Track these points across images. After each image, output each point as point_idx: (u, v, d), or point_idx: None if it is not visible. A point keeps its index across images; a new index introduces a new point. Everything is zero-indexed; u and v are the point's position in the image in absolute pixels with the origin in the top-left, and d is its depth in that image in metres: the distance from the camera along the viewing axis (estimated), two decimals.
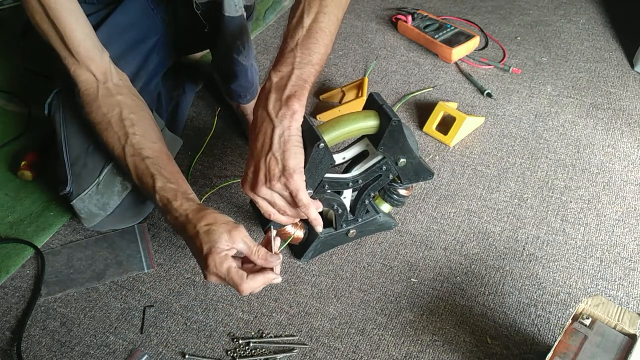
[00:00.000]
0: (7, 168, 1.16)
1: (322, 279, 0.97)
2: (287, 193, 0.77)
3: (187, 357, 0.87)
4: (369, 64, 1.44)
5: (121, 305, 0.94)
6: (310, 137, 0.78)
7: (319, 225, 0.84)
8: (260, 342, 0.88)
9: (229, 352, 0.87)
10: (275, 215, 0.80)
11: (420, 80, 1.38)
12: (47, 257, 1.00)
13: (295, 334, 0.90)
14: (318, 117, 1.27)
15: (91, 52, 0.88)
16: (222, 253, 0.76)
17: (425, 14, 1.53)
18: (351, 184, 0.89)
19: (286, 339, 0.89)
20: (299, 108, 0.75)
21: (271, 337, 0.89)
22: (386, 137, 0.83)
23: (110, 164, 0.96)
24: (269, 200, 0.78)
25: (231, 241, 0.77)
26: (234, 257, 0.78)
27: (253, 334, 0.90)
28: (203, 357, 0.87)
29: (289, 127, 0.74)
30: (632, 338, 0.72)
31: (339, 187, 0.89)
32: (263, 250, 0.79)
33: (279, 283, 0.82)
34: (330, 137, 0.82)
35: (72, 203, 0.97)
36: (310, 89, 0.78)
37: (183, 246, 1.02)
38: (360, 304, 0.94)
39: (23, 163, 1.12)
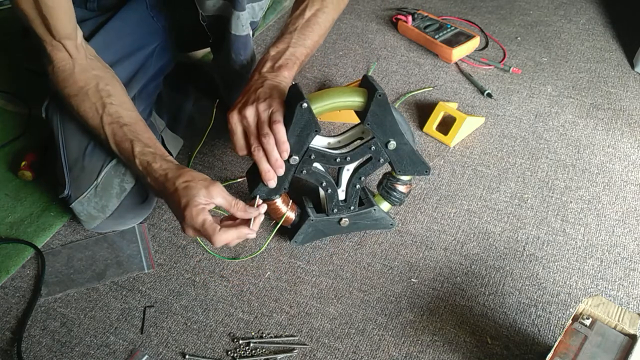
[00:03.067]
0: (7, 168, 1.16)
1: (322, 279, 0.97)
2: (268, 113, 0.83)
3: (187, 357, 0.87)
4: (369, 64, 1.44)
5: (121, 305, 0.94)
6: (296, 97, 0.82)
7: (280, 167, 0.85)
8: (260, 342, 0.88)
9: (229, 352, 0.87)
10: (253, 142, 0.84)
11: (420, 80, 1.39)
12: (47, 257, 1.00)
13: (295, 334, 0.90)
14: (319, 116, 1.27)
15: (68, 29, 0.89)
16: (199, 206, 0.80)
17: (425, 14, 1.53)
18: (339, 159, 0.90)
19: (286, 339, 0.89)
20: (288, 75, 0.89)
21: (271, 337, 0.89)
22: (372, 110, 0.84)
23: (107, 165, 0.96)
24: (250, 122, 0.83)
25: (209, 196, 0.80)
26: (213, 217, 0.81)
27: (253, 334, 0.90)
28: (203, 357, 0.87)
29: (278, 82, 0.88)
30: (632, 338, 0.72)
31: (325, 161, 0.90)
32: (241, 202, 0.83)
33: (253, 238, 0.87)
34: (316, 106, 0.85)
35: (70, 206, 0.97)
36: (300, 66, 0.93)
37: (183, 246, 1.02)
38: (360, 304, 0.94)
39: (23, 163, 1.12)
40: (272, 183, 0.86)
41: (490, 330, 0.90)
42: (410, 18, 1.51)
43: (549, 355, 0.70)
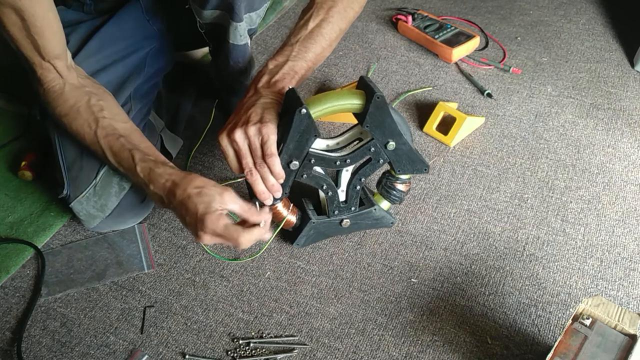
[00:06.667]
0: (7, 168, 1.16)
1: (322, 279, 0.97)
2: (259, 141, 0.80)
3: (187, 357, 0.87)
4: (369, 64, 1.44)
5: (121, 305, 0.94)
6: (294, 104, 0.81)
7: (277, 191, 0.85)
8: (260, 342, 0.88)
9: (229, 352, 0.87)
10: (246, 165, 0.82)
11: (420, 80, 1.39)
12: (47, 257, 1.00)
13: (295, 334, 0.90)
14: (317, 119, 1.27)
15: (58, 50, 0.88)
16: (217, 212, 0.79)
17: (425, 14, 1.53)
18: (339, 162, 0.90)
19: (286, 339, 0.89)
20: (282, 89, 0.85)
21: (271, 337, 0.89)
22: (370, 112, 0.84)
23: (105, 165, 0.96)
24: (240, 146, 0.81)
25: (222, 202, 0.80)
26: None
27: (253, 334, 0.90)
28: (203, 357, 0.87)
29: (271, 98, 0.84)
30: (632, 338, 0.72)
31: (325, 164, 0.90)
32: (254, 207, 0.83)
33: (269, 237, 0.88)
34: (314, 110, 0.84)
35: (70, 205, 0.97)
36: (300, 80, 0.89)
37: (183, 246, 1.02)
38: (360, 304, 0.94)
39: (23, 163, 1.12)
40: (269, 202, 0.85)
41: (490, 330, 0.90)
42: (410, 18, 1.51)
43: (549, 355, 0.70)
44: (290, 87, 0.84)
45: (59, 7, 0.89)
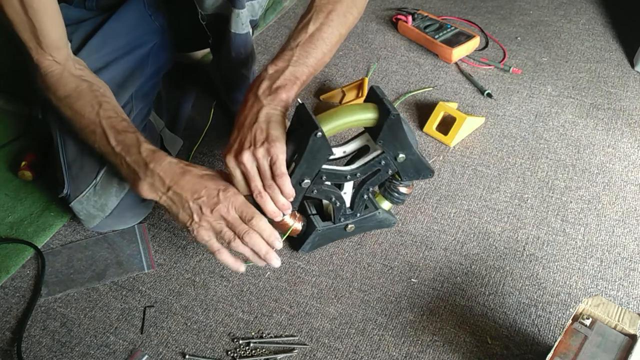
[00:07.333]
0: (7, 168, 1.16)
1: (322, 279, 0.97)
2: (267, 162, 0.79)
3: (187, 357, 0.87)
4: (369, 64, 1.44)
5: (121, 305, 0.94)
6: (308, 126, 0.80)
7: (288, 209, 0.84)
8: (260, 342, 0.88)
9: (229, 352, 0.87)
10: (254, 188, 0.82)
11: (420, 80, 1.39)
12: (47, 257, 1.00)
13: (295, 334, 0.90)
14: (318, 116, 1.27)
15: (57, 41, 0.88)
16: (234, 190, 0.82)
17: (425, 14, 1.53)
18: (349, 176, 0.90)
19: (286, 339, 0.89)
20: (285, 98, 0.82)
21: (271, 337, 0.89)
22: (385, 130, 0.83)
23: (106, 164, 0.96)
24: (248, 169, 0.80)
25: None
26: None
27: (253, 334, 0.90)
28: (203, 357, 0.87)
29: (274, 109, 0.81)
30: (632, 338, 0.72)
31: (336, 179, 0.89)
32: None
33: (280, 247, 0.86)
34: (327, 128, 0.84)
35: (70, 205, 0.97)
36: (301, 86, 0.85)
37: (183, 246, 1.02)
38: (360, 304, 0.94)
39: (23, 163, 1.12)
40: (278, 218, 0.85)
41: (490, 330, 0.90)
42: (410, 18, 1.51)
43: (549, 355, 0.70)
44: (300, 102, 0.83)
45: (61, 4, 0.89)
